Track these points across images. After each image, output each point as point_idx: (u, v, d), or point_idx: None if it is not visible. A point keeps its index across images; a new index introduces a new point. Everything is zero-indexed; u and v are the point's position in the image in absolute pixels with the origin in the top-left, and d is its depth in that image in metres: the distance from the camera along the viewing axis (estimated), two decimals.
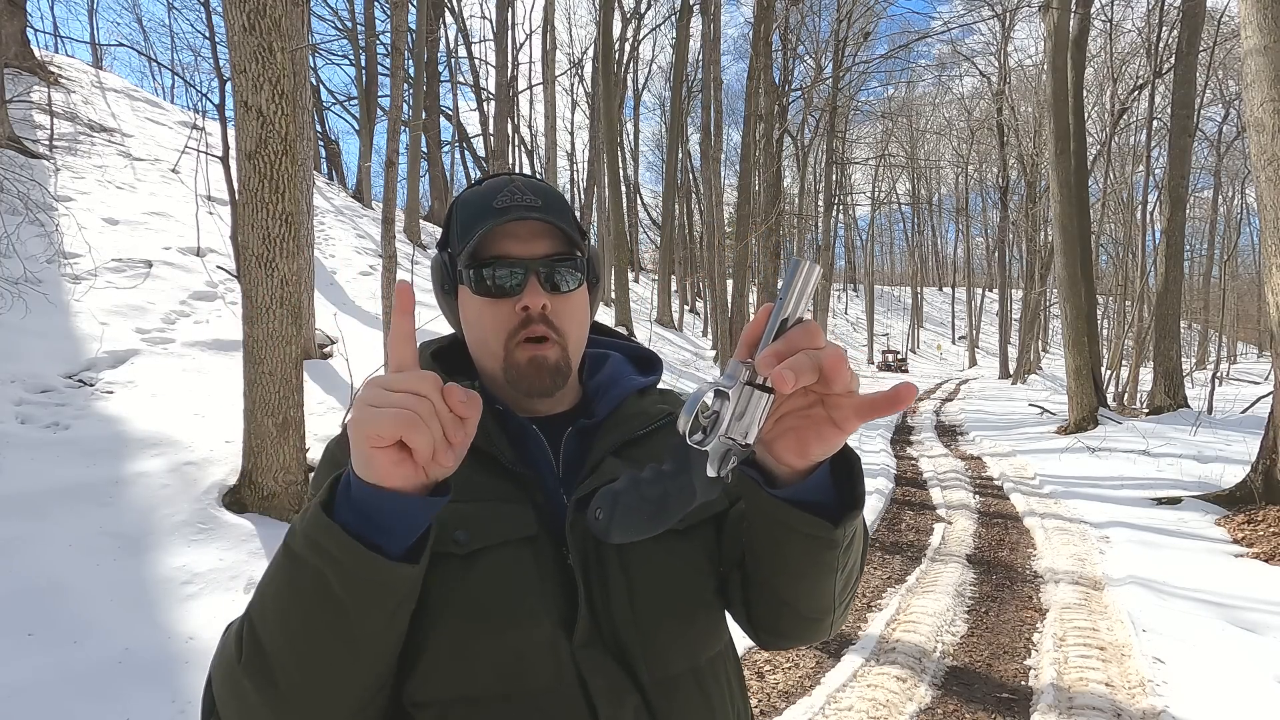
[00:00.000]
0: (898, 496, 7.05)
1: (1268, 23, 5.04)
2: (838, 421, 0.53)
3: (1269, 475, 5.51)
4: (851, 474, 0.61)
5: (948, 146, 40.28)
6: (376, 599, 0.54)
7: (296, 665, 0.55)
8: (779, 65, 16.10)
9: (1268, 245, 5.20)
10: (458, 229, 0.78)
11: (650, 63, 40.01)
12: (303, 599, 0.54)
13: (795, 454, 0.56)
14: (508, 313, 0.74)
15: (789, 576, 0.67)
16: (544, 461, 0.75)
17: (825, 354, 0.48)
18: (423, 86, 13.75)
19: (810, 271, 0.48)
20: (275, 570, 0.56)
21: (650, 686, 0.67)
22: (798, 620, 0.71)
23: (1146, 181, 15.73)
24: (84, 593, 3.00)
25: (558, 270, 0.75)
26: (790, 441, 0.55)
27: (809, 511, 0.59)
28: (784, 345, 0.48)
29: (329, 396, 5.64)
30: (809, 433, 0.54)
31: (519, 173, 0.81)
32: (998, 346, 30.83)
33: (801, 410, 0.54)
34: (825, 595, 0.67)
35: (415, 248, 12.87)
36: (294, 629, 0.55)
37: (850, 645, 3.54)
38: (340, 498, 0.54)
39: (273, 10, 3.86)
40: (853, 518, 0.61)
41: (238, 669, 0.57)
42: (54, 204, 6.61)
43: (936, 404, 17.61)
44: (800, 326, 0.49)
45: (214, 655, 0.62)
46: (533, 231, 0.75)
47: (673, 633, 0.70)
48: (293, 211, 4.01)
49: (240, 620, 0.59)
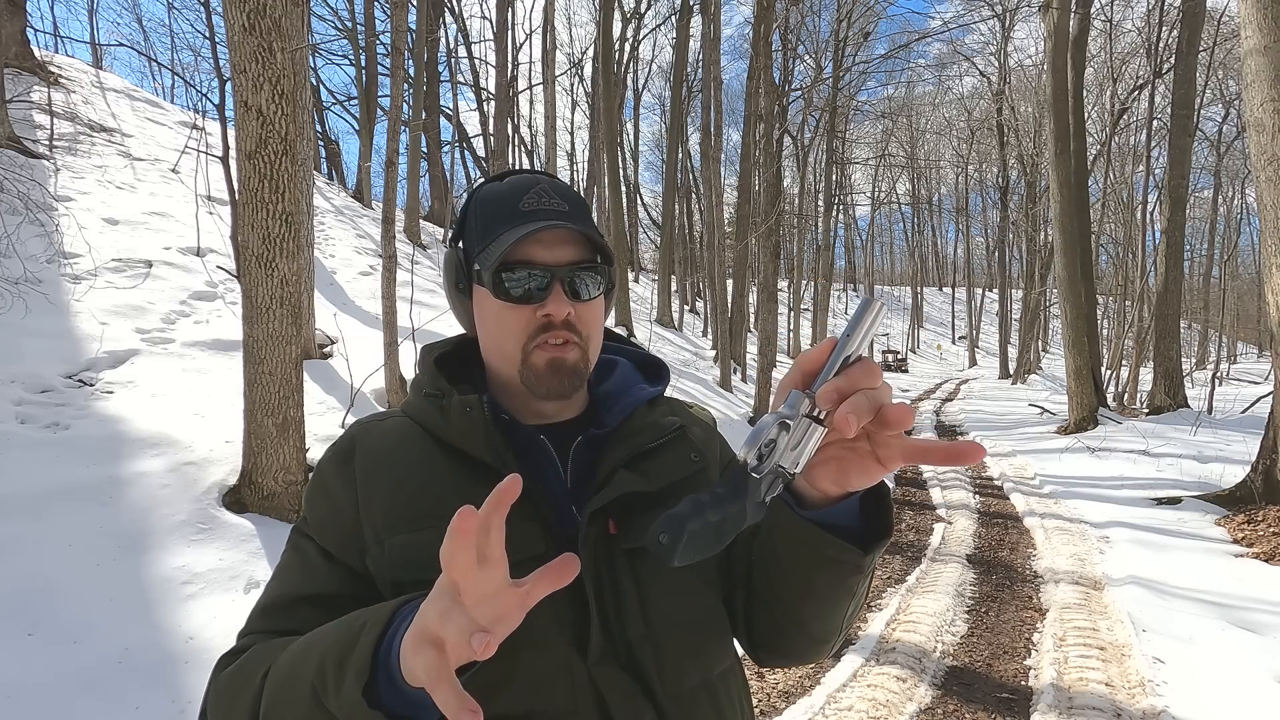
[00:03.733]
0: (898, 496, 7.04)
1: (1268, 23, 5.04)
2: (883, 459, 0.52)
3: (1269, 475, 5.51)
4: (881, 503, 0.61)
5: (948, 146, 40.31)
6: None
7: None
8: (779, 65, 16.09)
9: (1268, 245, 5.20)
10: (477, 226, 0.76)
11: (650, 63, 39.95)
12: None
13: (833, 482, 0.56)
14: (529, 318, 0.72)
15: (810, 600, 0.66)
16: (552, 473, 0.74)
17: (884, 395, 0.48)
18: (423, 86, 13.74)
19: (879, 313, 0.49)
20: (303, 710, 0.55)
21: (666, 701, 0.67)
22: (808, 642, 0.71)
23: (1146, 181, 15.73)
24: (84, 593, 3.00)
25: (582, 278, 0.74)
26: (831, 470, 0.55)
27: (838, 536, 0.59)
28: (846, 382, 0.48)
29: (329, 396, 5.64)
30: (851, 464, 0.54)
31: (543, 172, 0.80)
32: (998, 346, 30.84)
33: (847, 441, 0.53)
34: (838, 618, 0.68)
35: (415, 248, 12.87)
36: None
37: (850, 645, 3.53)
38: (381, 672, 0.52)
39: (273, 10, 3.85)
40: (882, 545, 0.61)
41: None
42: (54, 204, 6.61)
43: (936, 404, 17.61)
44: (861, 364, 0.49)
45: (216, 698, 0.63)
46: (559, 238, 0.73)
47: (686, 647, 0.70)
48: (293, 211, 4.01)
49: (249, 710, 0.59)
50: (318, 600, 0.68)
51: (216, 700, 0.63)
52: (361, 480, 0.72)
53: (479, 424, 0.71)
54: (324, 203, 12.48)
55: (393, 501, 0.70)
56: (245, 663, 0.63)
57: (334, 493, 0.73)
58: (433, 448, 0.73)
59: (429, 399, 0.76)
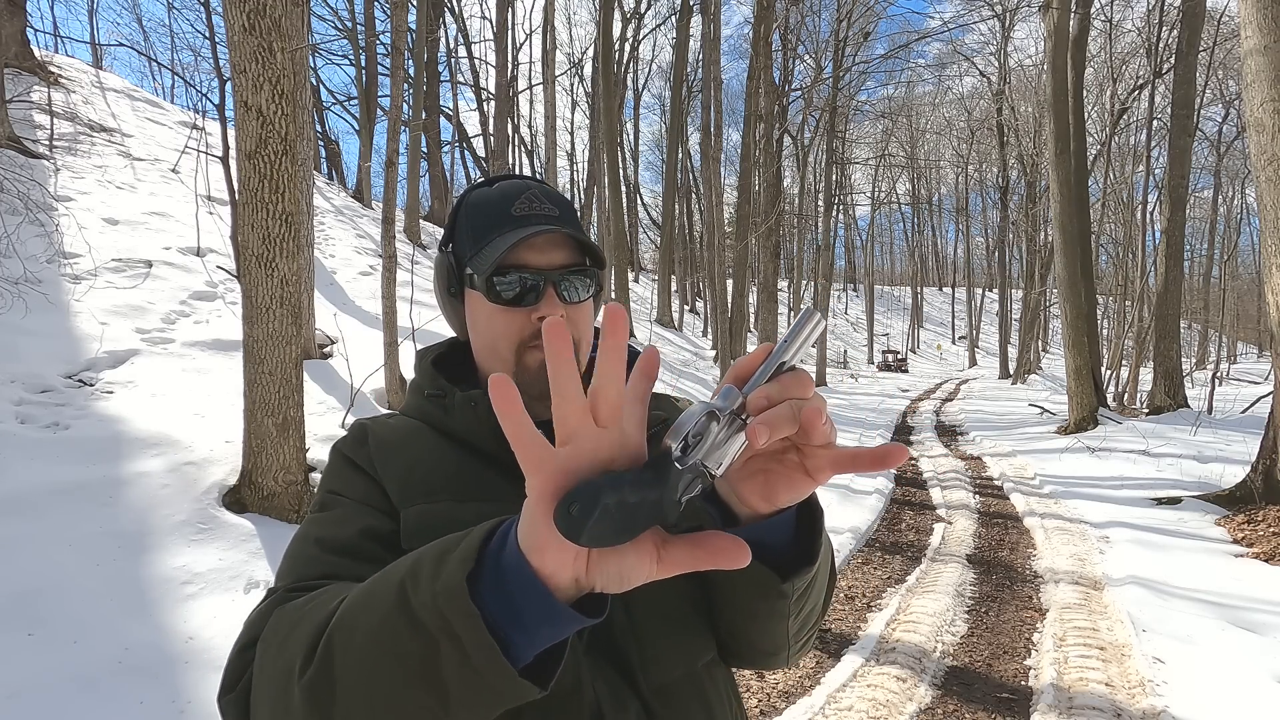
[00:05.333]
0: (898, 496, 7.04)
1: (1268, 23, 5.04)
2: (810, 471, 0.50)
3: (1269, 475, 5.51)
4: (813, 526, 0.58)
5: (948, 146, 40.31)
6: (485, 703, 0.47)
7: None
8: (779, 65, 16.10)
9: (1268, 245, 5.20)
10: (468, 231, 0.77)
11: (650, 63, 40.01)
12: (404, 665, 0.46)
13: (760, 497, 0.52)
14: (522, 321, 0.74)
15: (740, 615, 0.66)
16: None
17: (807, 406, 0.45)
18: (423, 86, 13.74)
19: (818, 325, 0.48)
20: (382, 610, 0.48)
21: (649, 694, 0.67)
22: (751, 650, 0.71)
23: (1146, 181, 15.74)
24: (84, 593, 3.00)
25: (572, 281, 0.76)
26: (758, 484, 0.52)
27: (759, 559, 0.56)
28: (777, 389, 0.46)
29: (329, 396, 5.64)
30: (779, 478, 0.51)
31: (531, 176, 0.82)
32: (998, 346, 30.84)
33: (775, 454, 0.51)
34: (777, 636, 0.66)
35: (415, 248, 12.87)
36: (379, 688, 0.47)
37: (850, 645, 3.54)
38: (489, 563, 0.46)
39: (273, 10, 3.86)
40: (804, 574, 0.58)
41: (295, 681, 0.50)
42: (54, 204, 6.61)
43: (936, 404, 17.61)
44: (794, 374, 0.47)
45: (264, 630, 0.56)
46: (550, 242, 0.75)
47: (669, 639, 0.69)
48: (293, 211, 4.01)
49: (317, 626, 0.51)
50: (370, 533, 0.67)
51: (277, 624, 0.55)
52: (376, 460, 0.74)
53: (484, 416, 0.73)
54: (324, 203, 12.48)
55: (406, 479, 0.72)
56: (321, 592, 0.57)
57: (355, 463, 0.74)
58: (440, 440, 0.76)
59: (431, 399, 0.77)
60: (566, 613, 0.44)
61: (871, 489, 6.98)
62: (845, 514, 5.94)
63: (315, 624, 0.51)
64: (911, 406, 17.07)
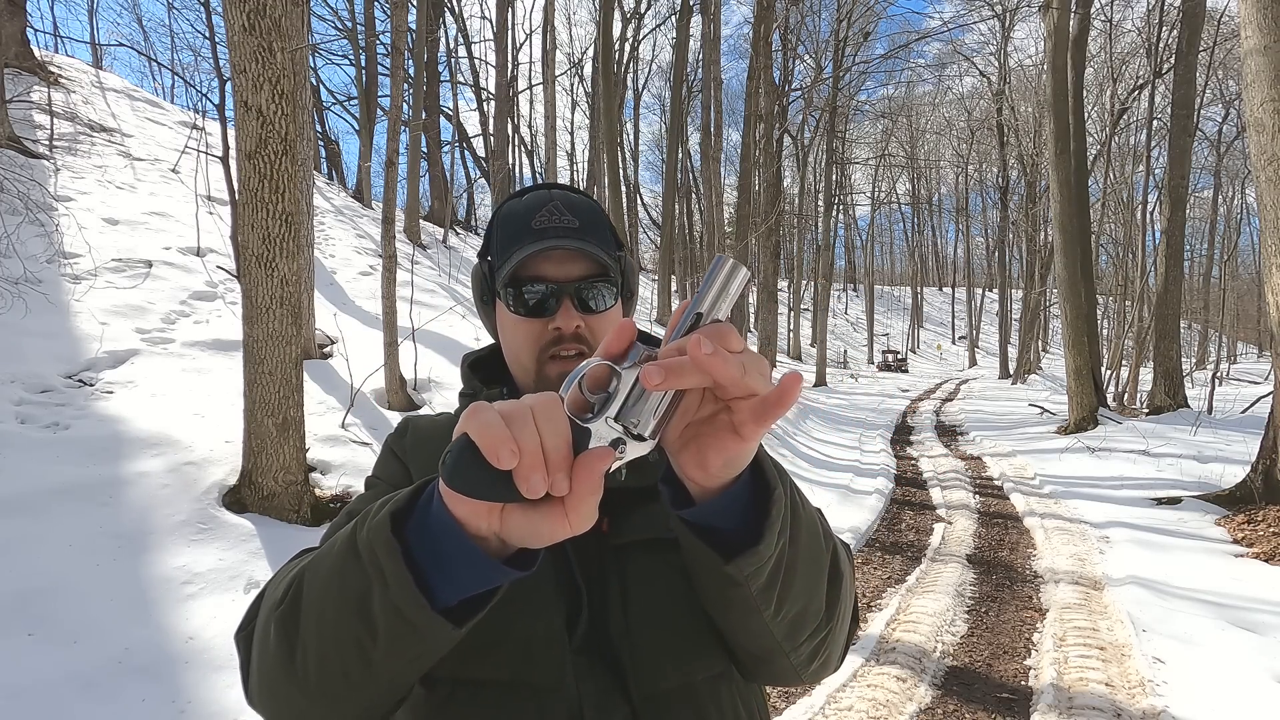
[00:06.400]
0: (898, 496, 7.05)
1: (1268, 23, 5.04)
2: (737, 427, 0.47)
3: (1269, 475, 5.51)
4: (768, 503, 0.53)
5: (947, 146, 40.30)
6: (403, 636, 0.50)
7: (316, 658, 0.53)
8: (779, 65, 16.11)
9: (1268, 245, 5.20)
10: (498, 242, 0.81)
11: (650, 63, 39.91)
12: (346, 597, 0.51)
13: (696, 466, 0.49)
14: (540, 331, 0.76)
15: (713, 609, 0.63)
16: None
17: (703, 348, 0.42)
18: (423, 86, 13.74)
19: (734, 271, 0.45)
20: (339, 548, 0.53)
21: (640, 701, 0.66)
22: (747, 656, 0.67)
23: (1146, 181, 15.75)
24: (84, 593, 3.00)
25: (592, 291, 0.77)
26: (692, 453, 0.49)
27: (709, 542, 0.53)
28: (691, 341, 0.43)
29: (329, 396, 5.64)
30: (709, 441, 0.48)
31: (561, 185, 0.84)
32: (998, 346, 30.84)
33: (708, 418, 0.49)
34: (758, 635, 0.61)
35: (415, 248, 12.86)
36: (328, 618, 0.52)
37: (850, 645, 3.54)
38: (419, 511, 0.50)
39: (273, 10, 3.86)
40: (749, 555, 0.52)
41: (273, 612, 0.55)
42: (54, 204, 6.61)
43: (936, 404, 17.61)
44: (714, 325, 0.45)
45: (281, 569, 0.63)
46: (568, 254, 0.77)
47: (664, 645, 0.68)
48: (293, 211, 4.01)
49: (302, 568, 0.57)
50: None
51: (283, 570, 0.62)
52: (410, 449, 0.81)
53: None
54: (324, 203, 12.48)
55: (429, 466, 0.74)
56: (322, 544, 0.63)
57: (394, 452, 0.82)
58: None
59: (464, 398, 0.84)
60: (482, 557, 0.47)
61: (871, 489, 6.98)
62: (845, 514, 5.94)
63: (302, 566, 0.57)
64: (911, 406, 17.07)
